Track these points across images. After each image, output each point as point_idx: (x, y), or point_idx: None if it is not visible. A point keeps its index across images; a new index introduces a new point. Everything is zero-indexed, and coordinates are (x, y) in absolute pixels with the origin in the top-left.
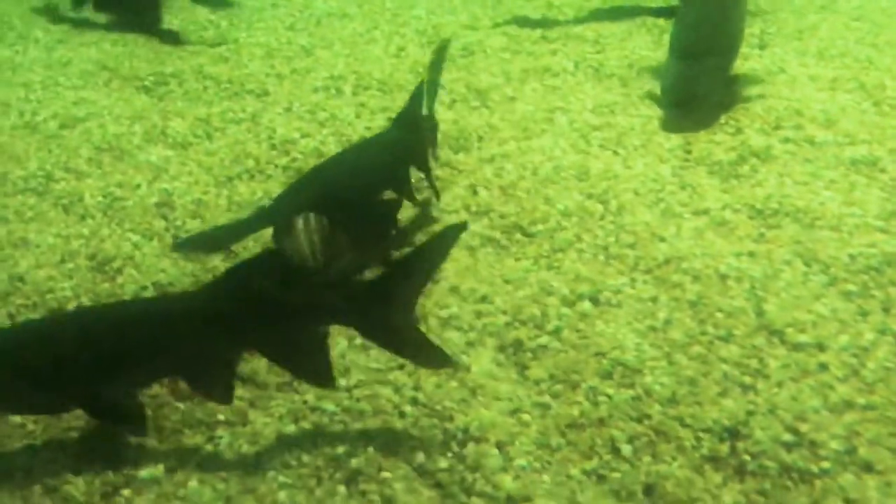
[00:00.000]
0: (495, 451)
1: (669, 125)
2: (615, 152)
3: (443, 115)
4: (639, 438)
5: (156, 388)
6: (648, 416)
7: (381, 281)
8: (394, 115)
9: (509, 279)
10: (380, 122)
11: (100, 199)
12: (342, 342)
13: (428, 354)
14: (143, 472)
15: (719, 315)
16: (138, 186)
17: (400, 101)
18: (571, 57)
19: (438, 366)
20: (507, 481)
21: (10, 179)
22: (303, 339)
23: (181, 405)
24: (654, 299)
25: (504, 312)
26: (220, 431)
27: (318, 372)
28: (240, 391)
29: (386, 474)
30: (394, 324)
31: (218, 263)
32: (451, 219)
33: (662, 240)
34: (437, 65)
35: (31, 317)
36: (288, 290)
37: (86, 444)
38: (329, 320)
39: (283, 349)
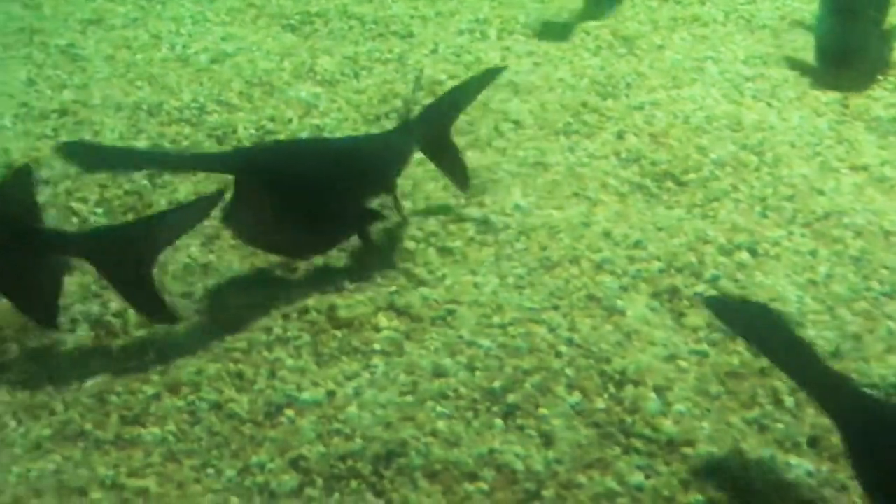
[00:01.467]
0: (653, 394)
1: (825, 79)
2: (769, 104)
3: (588, 61)
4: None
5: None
6: None
7: (126, 226)
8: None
9: (662, 226)
10: (526, 66)
11: (252, 131)
12: (495, 281)
13: (151, 305)
14: (305, 395)
15: (884, 272)
16: (290, 121)
17: (545, 45)
18: (721, 7)
19: (160, 320)
20: (667, 425)
21: (165, 109)
22: (31, 271)
23: (338, 332)
24: (814, 253)
25: (658, 259)
26: (375, 360)
27: (41, 306)
28: (395, 322)
29: (543, 411)
30: (127, 267)
31: None
32: (600, 164)
33: (821, 193)
34: (468, 88)
35: (189, 242)
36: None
37: (248, 363)
38: (63, 251)
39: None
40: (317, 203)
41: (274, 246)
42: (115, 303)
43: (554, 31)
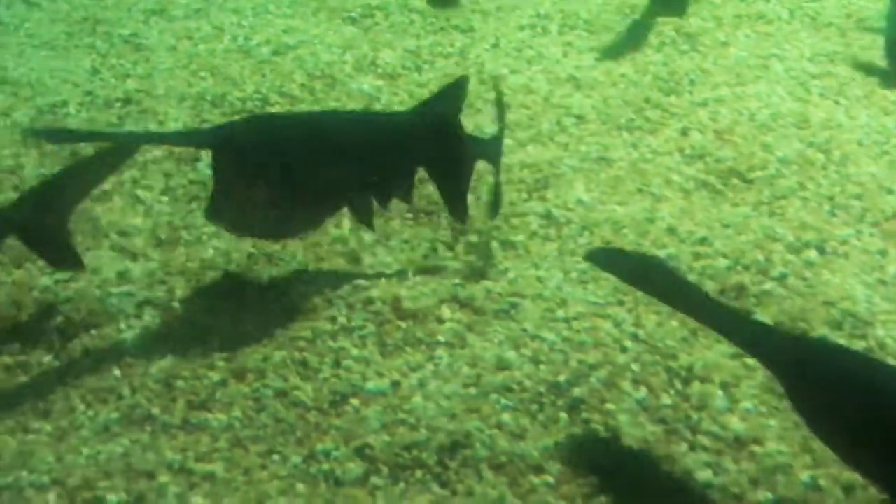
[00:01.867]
0: (720, 392)
1: (893, 78)
2: (836, 102)
3: (651, 57)
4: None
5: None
6: None
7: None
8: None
9: (728, 223)
10: (588, 61)
11: None
12: (558, 275)
13: (64, 258)
14: (370, 385)
15: None
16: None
17: (607, 41)
18: (786, 4)
19: (70, 267)
20: (735, 422)
21: (228, 100)
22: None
23: (402, 323)
24: (883, 252)
25: (724, 256)
26: (439, 351)
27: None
28: (458, 314)
29: (609, 406)
30: (45, 226)
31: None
32: (664, 160)
33: (890, 192)
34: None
35: None
36: None
37: (313, 352)
38: None
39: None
40: (298, 177)
41: (260, 228)
42: (181, 289)
43: (616, 26)
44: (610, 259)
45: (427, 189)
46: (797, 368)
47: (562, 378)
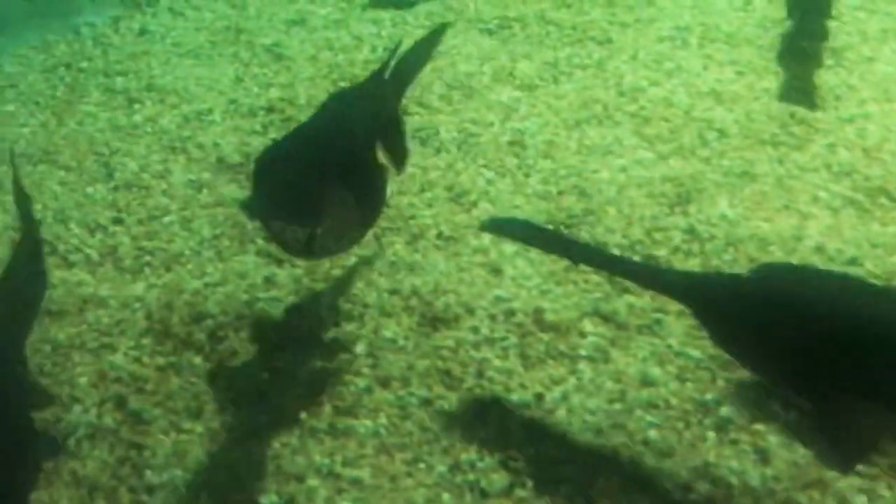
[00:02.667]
0: None
1: None
2: None
3: (794, 71)
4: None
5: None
6: None
7: None
8: None
9: (878, 243)
10: (729, 75)
11: (455, 134)
12: None
13: None
14: (513, 396)
15: None
16: (491, 124)
17: (749, 54)
18: None
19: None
20: (892, 448)
21: None
22: None
23: (544, 336)
24: None
25: (876, 277)
26: (581, 365)
27: None
28: (600, 328)
29: (759, 426)
30: None
31: (573, 203)
32: (811, 177)
33: None
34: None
35: (394, 240)
36: None
37: (456, 362)
38: None
39: None
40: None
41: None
42: (326, 296)
43: (757, 40)
44: (502, 226)
45: (567, 201)
46: (705, 301)
47: (709, 396)
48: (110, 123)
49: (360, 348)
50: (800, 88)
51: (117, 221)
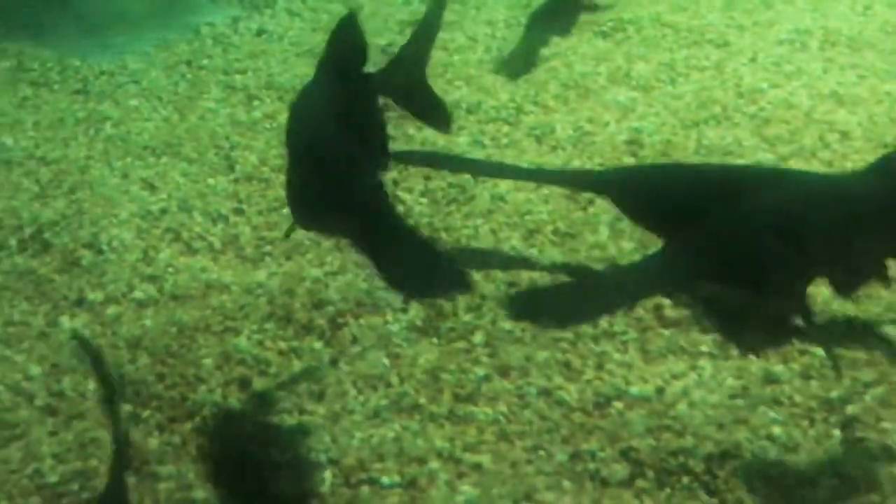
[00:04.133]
0: None
1: None
2: None
3: None
4: None
5: (640, 311)
6: None
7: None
8: None
9: None
10: (851, 78)
11: (570, 132)
12: (825, 290)
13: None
14: (634, 389)
15: None
16: (607, 124)
17: (870, 58)
18: None
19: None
20: None
21: (483, 108)
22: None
23: (665, 331)
24: None
25: None
26: (702, 362)
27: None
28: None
29: (886, 425)
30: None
31: None
32: None
33: None
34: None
35: (510, 235)
36: None
37: (575, 354)
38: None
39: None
40: None
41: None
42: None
43: (879, 44)
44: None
45: None
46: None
47: (834, 394)
48: (230, 119)
49: (478, 338)
50: None
51: (238, 212)
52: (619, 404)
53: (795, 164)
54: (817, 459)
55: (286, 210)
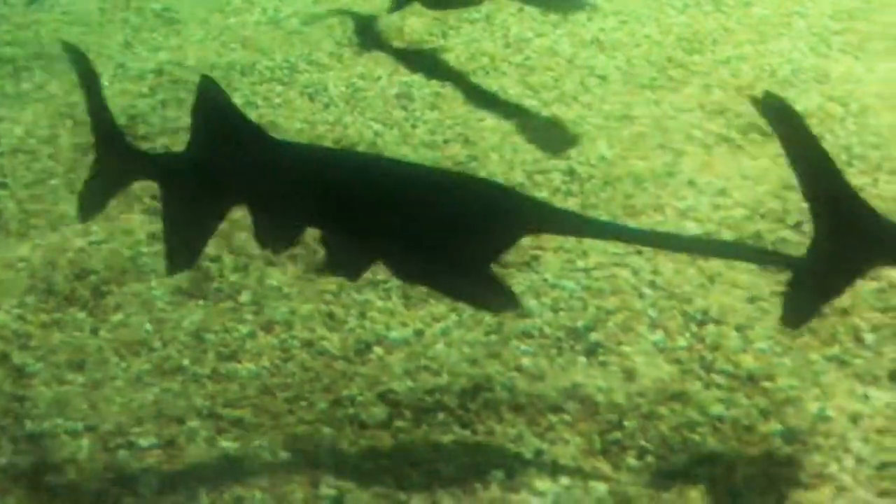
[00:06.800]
0: (735, 333)
1: None
2: (856, 56)
3: (675, 18)
4: (883, 328)
5: None
6: (893, 308)
7: None
8: None
9: (748, 175)
10: (612, 24)
11: (343, 89)
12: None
13: None
14: (394, 334)
15: None
16: (379, 78)
17: (633, 4)
18: None
19: None
20: (748, 360)
21: (258, 69)
22: None
23: None
24: None
25: (743, 206)
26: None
27: None
28: None
29: (626, 348)
30: None
31: (458, 150)
32: (686, 117)
33: None
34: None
35: None
36: None
37: (338, 304)
38: None
39: None
40: None
41: None
42: (211, 248)
43: None
44: None
45: (452, 149)
46: None
47: (580, 324)
48: None
49: (244, 297)
50: (679, 34)
51: (2, 185)
52: (379, 349)
53: (558, 110)
54: (562, 386)
55: (54, 181)
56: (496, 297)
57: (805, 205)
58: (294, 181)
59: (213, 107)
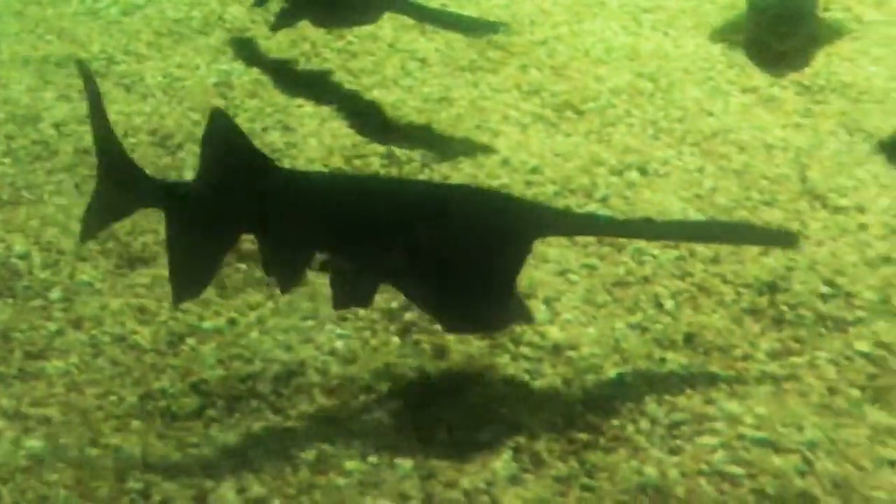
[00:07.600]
0: (543, 306)
1: (721, 7)
2: (666, 33)
3: (494, 1)
4: (681, 294)
5: None
6: (691, 274)
7: None
8: None
9: (559, 152)
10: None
11: (160, 79)
12: None
13: None
14: (207, 324)
15: (764, 182)
16: (197, 67)
17: None
18: None
19: None
20: (554, 332)
21: (73, 61)
22: None
23: (242, 265)
24: (701, 169)
25: (553, 182)
26: (279, 290)
27: None
28: None
29: (438, 327)
30: None
31: (276, 138)
32: (502, 98)
33: (710, 114)
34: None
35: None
36: None
37: (151, 298)
38: None
39: None
40: None
41: None
42: (20, 245)
43: None
44: None
45: (271, 136)
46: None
47: (395, 305)
48: None
49: (54, 294)
50: (498, 16)
51: None
52: (192, 340)
53: (378, 94)
54: (374, 367)
55: None
56: (518, 314)
57: (612, 179)
58: (302, 209)
59: (223, 139)
